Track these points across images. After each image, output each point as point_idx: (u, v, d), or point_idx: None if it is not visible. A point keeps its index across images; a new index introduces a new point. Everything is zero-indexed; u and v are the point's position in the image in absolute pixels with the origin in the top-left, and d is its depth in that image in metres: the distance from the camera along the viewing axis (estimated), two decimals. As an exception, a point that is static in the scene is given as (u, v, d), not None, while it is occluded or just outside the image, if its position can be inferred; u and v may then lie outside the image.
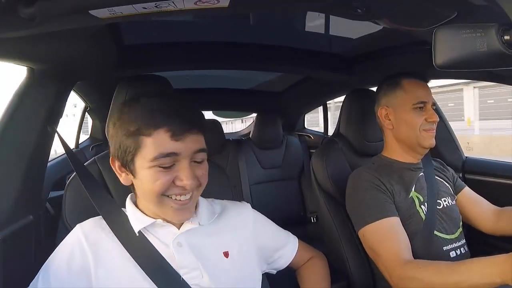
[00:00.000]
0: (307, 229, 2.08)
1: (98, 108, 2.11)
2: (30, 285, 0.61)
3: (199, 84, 2.10)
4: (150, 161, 0.59)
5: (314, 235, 1.93)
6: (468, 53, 0.45)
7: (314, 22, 1.21)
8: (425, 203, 0.95)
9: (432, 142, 0.96)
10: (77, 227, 0.67)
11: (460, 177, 1.14)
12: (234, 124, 12.40)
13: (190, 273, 0.65)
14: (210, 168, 0.92)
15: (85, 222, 0.68)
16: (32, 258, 0.85)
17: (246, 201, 0.84)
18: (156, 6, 0.59)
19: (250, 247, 0.75)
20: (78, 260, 0.62)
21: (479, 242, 1.05)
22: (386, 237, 0.88)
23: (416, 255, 0.86)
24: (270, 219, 0.85)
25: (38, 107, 0.85)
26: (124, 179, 0.66)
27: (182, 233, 0.67)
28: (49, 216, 1.24)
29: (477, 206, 1.05)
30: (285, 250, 0.83)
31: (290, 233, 0.87)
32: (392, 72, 1.04)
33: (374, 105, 1.08)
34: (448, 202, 0.99)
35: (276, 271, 0.84)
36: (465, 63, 0.46)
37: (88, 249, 0.63)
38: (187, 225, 0.68)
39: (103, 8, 0.57)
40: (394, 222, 0.90)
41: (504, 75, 1.01)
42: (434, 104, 0.99)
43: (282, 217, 1.06)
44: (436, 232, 0.93)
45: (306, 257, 0.87)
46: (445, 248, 0.93)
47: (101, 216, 0.68)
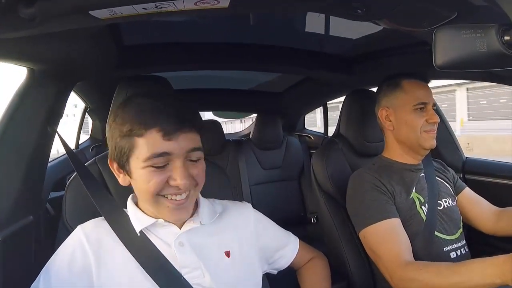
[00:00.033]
0: (307, 230, 2.07)
1: (98, 109, 2.11)
2: (31, 287, 0.60)
3: (199, 85, 2.10)
4: (143, 162, 0.59)
5: (314, 236, 1.92)
6: (468, 54, 0.45)
7: (314, 23, 1.21)
8: (426, 204, 0.95)
9: (433, 143, 0.96)
10: (78, 228, 0.67)
11: (460, 178, 1.14)
12: (234, 124, 12.41)
13: (192, 273, 0.64)
14: (210, 169, 0.92)
15: (86, 223, 0.68)
16: (32, 259, 0.85)
17: (246, 202, 0.84)
18: (156, 7, 0.59)
19: (251, 247, 0.75)
20: (80, 261, 0.62)
21: (479, 243, 1.05)
22: (387, 239, 0.88)
23: (417, 256, 0.86)
24: (271, 220, 0.85)
25: (38, 108, 0.85)
26: (122, 180, 0.66)
27: (184, 233, 0.67)
28: (49, 217, 1.23)
29: (477, 207, 1.04)
30: (286, 250, 0.83)
31: (291, 233, 0.87)
32: (392, 73, 1.04)
33: (374, 106, 1.07)
34: (449, 203, 0.99)
35: (277, 271, 0.84)
36: (465, 64, 0.46)
37: (90, 250, 0.63)
38: (189, 225, 0.68)
39: (103, 9, 0.57)
40: (395, 224, 0.89)
41: (504, 76, 1.01)
42: (435, 105, 0.99)
43: (282, 218, 1.06)
44: (437, 233, 0.93)
45: (307, 258, 0.87)
46: (446, 249, 0.93)
47: (103, 217, 0.68)
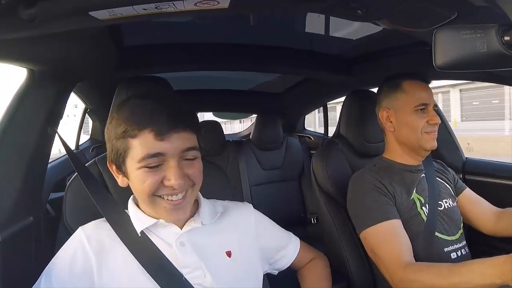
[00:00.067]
0: (308, 230, 2.07)
1: (98, 109, 2.11)
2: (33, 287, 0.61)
3: (200, 85, 2.11)
4: (138, 162, 0.59)
5: (315, 236, 1.92)
6: (468, 54, 0.45)
7: (314, 23, 1.21)
8: (427, 205, 0.95)
9: (434, 144, 0.96)
10: (79, 230, 0.67)
11: (461, 178, 1.14)
12: (233, 125, 12.40)
13: (193, 273, 0.64)
14: (211, 169, 0.92)
15: (87, 225, 0.68)
16: (33, 259, 0.85)
17: (247, 202, 0.84)
18: (156, 8, 0.59)
19: (252, 247, 0.75)
20: (81, 262, 0.62)
21: (480, 243, 1.05)
22: (388, 240, 0.87)
23: (417, 257, 0.85)
24: (271, 220, 0.85)
25: (38, 108, 0.85)
26: (121, 181, 0.66)
27: (185, 233, 0.67)
28: (50, 218, 1.23)
29: (478, 207, 1.04)
30: (287, 250, 0.83)
31: (292, 234, 0.87)
32: (392, 73, 1.03)
33: (374, 106, 1.07)
34: (449, 204, 0.99)
35: (278, 272, 0.84)
36: (465, 64, 0.46)
37: (91, 251, 0.63)
38: (190, 225, 0.68)
39: (103, 10, 0.57)
40: (396, 225, 0.89)
41: (504, 76, 1.01)
42: (436, 106, 0.98)
43: (283, 218, 1.06)
44: (437, 234, 0.93)
45: (308, 258, 0.87)
46: (446, 250, 0.92)
47: (103, 218, 0.69)
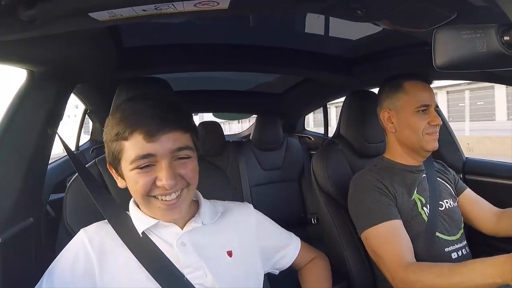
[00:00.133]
0: (308, 230, 2.07)
1: (99, 110, 2.11)
2: None
3: (200, 86, 2.11)
4: (130, 164, 0.60)
5: (315, 236, 1.92)
6: (468, 54, 0.45)
7: (314, 24, 1.21)
8: (427, 205, 0.95)
9: (435, 145, 0.95)
10: (81, 231, 0.67)
11: (461, 178, 1.14)
12: (231, 125, 12.40)
13: (194, 273, 0.65)
14: (211, 170, 0.92)
15: (89, 227, 0.69)
16: (33, 260, 0.85)
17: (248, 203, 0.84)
18: (156, 9, 0.59)
19: (253, 247, 0.75)
20: (83, 264, 0.62)
21: (480, 243, 1.05)
22: (389, 240, 0.87)
23: (418, 257, 0.85)
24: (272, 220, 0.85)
25: (38, 110, 0.85)
26: (120, 183, 0.67)
27: (186, 233, 0.68)
28: (50, 219, 1.23)
29: (478, 208, 1.04)
30: (288, 250, 0.83)
31: (293, 234, 0.87)
32: (392, 74, 1.03)
33: (374, 106, 1.07)
34: (450, 204, 0.99)
35: (279, 272, 0.84)
36: (465, 64, 0.46)
37: (92, 253, 0.63)
38: (190, 225, 0.68)
39: (103, 11, 0.57)
40: (397, 225, 0.89)
41: (504, 76, 1.01)
42: (437, 106, 0.98)
43: (283, 219, 1.06)
44: (438, 234, 0.93)
45: (308, 258, 0.87)
46: (447, 250, 0.92)
47: (105, 220, 0.69)
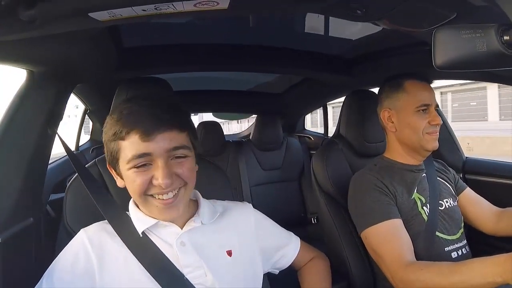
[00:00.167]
0: (308, 230, 2.07)
1: (98, 110, 2.11)
2: None
3: (200, 86, 2.10)
4: (127, 163, 0.61)
5: (315, 236, 1.92)
6: (468, 54, 0.45)
7: (314, 23, 1.21)
8: (427, 204, 0.95)
9: (435, 145, 0.95)
10: (81, 232, 0.67)
11: (461, 178, 1.14)
12: (230, 125, 12.42)
13: (194, 272, 0.65)
14: (211, 170, 0.92)
15: (89, 227, 0.69)
16: (33, 260, 0.85)
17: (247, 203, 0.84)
18: (156, 9, 0.59)
19: (252, 246, 0.75)
20: (83, 263, 0.62)
21: (480, 243, 1.05)
22: (389, 239, 0.87)
23: (418, 256, 0.85)
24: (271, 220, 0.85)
25: (38, 110, 0.85)
26: (120, 183, 0.68)
27: (185, 232, 0.68)
28: (50, 219, 1.23)
29: (478, 207, 1.04)
30: (287, 249, 0.83)
31: (292, 233, 0.87)
32: (392, 73, 1.03)
33: (374, 106, 1.07)
34: (450, 203, 0.99)
35: (278, 271, 0.84)
36: (465, 64, 0.46)
37: (93, 253, 0.63)
38: (190, 224, 0.69)
39: (103, 11, 0.57)
40: (397, 224, 0.89)
41: (504, 76, 1.01)
42: (437, 106, 0.98)
43: (283, 218, 1.06)
44: (438, 233, 0.93)
45: (308, 257, 0.87)
46: (447, 249, 0.92)
47: (105, 220, 0.69)
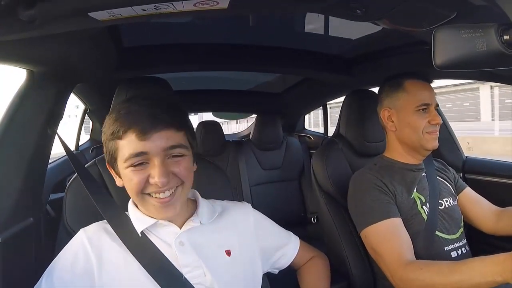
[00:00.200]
0: (308, 230, 2.07)
1: (98, 110, 2.11)
2: None
3: (199, 86, 2.11)
4: (124, 162, 0.62)
5: (315, 236, 1.92)
6: (468, 53, 0.45)
7: (314, 23, 1.21)
8: (427, 204, 0.95)
9: (435, 144, 0.96)
10: (81, 231, 0.68)
11: (461, 177, 1.14)
12: (230, 125, 12.43)
13: (193, 272, 0.65)
14: (210, 169, 0.92)
15: (89, 227, 0.69)
16: (33, 260, 0.85)
17: (247, 203, 0.84)
18: (156, 8, 0.59)
19: (252, 246, 0.76)
20: (82, 263, 0.63)
21: (480, 242, 1.05)
22: (388, 238, 0.88)
23: (418, 256, 0.85)
24: (271, 219, 0.85)
25: (38, 109, 0.84)
26: (118, 182, 0.68)
27: (184, 232, 0.68)
28: (50, 219, 1.23)
29: (478, 207, 1.04)
30: (287, 249, 0.84)
31: (292, 233, 0.87)
32: (392, 73, 1.03)
33: (374, 106, 1.07)
34: (450, 203, 0.99)
35: (278, 271, 0.84)
36: (465, 63, 0.46)
37: (92, 252, 0.64)
38: (189, 224, 0.69)
39: (103, 11, 0.57)
40: (396, 223, 0.89)
41: (504, 75, 1.01)
42: (437, 105, 0.98)
43: (283, 218, 1.06)
44: (438, 232, 0.93)
45: (307, 257, 0.88)
46: (447, 248, 0.93)
47: (104, 220, 0.69)
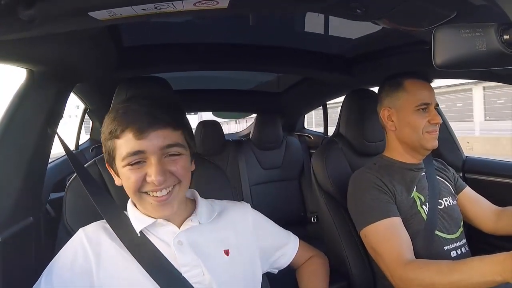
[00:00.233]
0: (308, 229, 2.07)
1: (98, 110, 2.11)
2: (33, 287, 0.61)
3: (199, 85, 2.10)
4: (122, 161, 0.63)
5: (315, 235, 1.92)
6: (468, 53, 0.45)
7: (314, 23, 1.21)
8: (427, 203, 0.95)
9: (435, 144, 0.96)
10: (80, 231, 0.68)
11: (461, 177, 1.14)
12: (229, 125, 12.43)
13: (192, 271, 0.65)
14: (210, 169, 0.92)
15: (88, 226, 0.70)
16: (32, 260, 0.85)
17: (246, 202, 0.84)
18: (156, 8, 0.59)
19: (251, 246, 0.76)
20: (81, 262, 0.63)
21: (479, 242, 1.05)
22: (388, 237, 0.88)
23: (417, 255, 0.86)
24: (271, 220, 0.85)
25: (38, 109, 0.84)
26: (117, 181, 0.68)
27: (182, 232, 0.68)
28: (50, 218, 1.23)
29: (478, 206, 1.04)
30: (286, 249, 0.84)
31: (291, 232, 0.87)
32: (392, 72, 1.03)
33: (374, 105, 1.07)
34: (449, 202, 0.99)
35: (278, 271, 0.84)
36: (465, 63, 0.46)
37: (91, 251, 0.64)
38: (187, 224, 0.69)
39: (102, 10, 0.57)
40: (396, 222, 0.89)
41: (504, 75, 1.01)
42: (437, 105, 0.98)
43: (283, 217, 1.06)
44: (437, 232, 0.93)
45: (307, 256, 0.88)
46: (446, 248, 0.93)
47: (104, 220, 0.70)
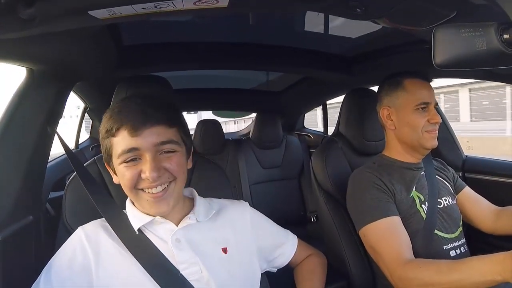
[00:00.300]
0: (307, 229, 2.08)
1: (98, 109, 2.11)
2: (32, 286, 0.61)
3: (199, 84, 2.10)
4: (118, 158, 0.64)
5: (314, 235, 1.93)
6: (468, 52, 0.45)
7: (314, 22, 1.21)
8: (426, 203, 0.95)
9: (434, 143, 0.96)
10: (79, 229, 0.69)
11: (460, 176, 1.14)
12: (228, 126, 12.42)
13: (189, 269, 0.65)
14: (210, 168, 0.93)
15: (87, 224, 0.70)
16: (32, 259, 0.85)
17: (246, 201, 0.84)
18: (155, 7, 0.59)
19: (249, 245, 0.76)
20: (80, 260, 0.63)
21: (479, 241, 1.05)
22: (387, 236, 0.88)
23: (417, 254, 0.86)
24: (270, 219, 0.85)
25: (38, 108, 0.85)
26: (115, 179, 0.69)
27: (180, 229, 0.69)
28: (49, 217, 1.24)
29: (477, 206, 1.04)
30: (285, 248, 0.84)
31: (289, 232, 0.88)
32: (392, 72, 1.03)
33: (373, 104, 1.07)
34: (449, 202, 0.99)
35: (276, 270, 0.85)
36: (465, 62, 0.46)
37: (90, 249, 0.64)
38: (185, 221, 0.70)
39: (102, 9, 0.57)
40: (395, 221, 0.90)
41: (504, 74, 1.01)
42: (437, 104, 0.98)
43: (282, 217, 1.06)
44: (437, 231, 0.93)
45: (305, 255, 0.88)
46: (445, 247, 0.93)
47: (102, 218, 0.70)
